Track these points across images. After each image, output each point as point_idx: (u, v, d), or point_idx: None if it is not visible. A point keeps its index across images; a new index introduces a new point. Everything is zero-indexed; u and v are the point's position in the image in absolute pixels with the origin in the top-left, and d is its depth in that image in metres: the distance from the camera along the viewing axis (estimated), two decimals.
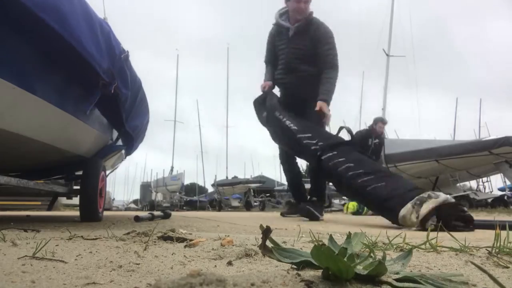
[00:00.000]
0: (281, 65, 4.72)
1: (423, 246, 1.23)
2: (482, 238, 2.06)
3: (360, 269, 0.68)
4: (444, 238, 1.33)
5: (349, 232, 0.94)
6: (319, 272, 0.70)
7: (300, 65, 4.56)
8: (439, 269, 0.94)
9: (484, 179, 18.74)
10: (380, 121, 8.06)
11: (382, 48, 15.04)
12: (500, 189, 18.63)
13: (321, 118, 4.39)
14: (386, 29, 15.27)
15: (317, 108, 4.30)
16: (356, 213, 9.44)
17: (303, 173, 6.60)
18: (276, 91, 4.91)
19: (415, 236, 2.00)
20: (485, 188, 19.62)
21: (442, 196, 2.93)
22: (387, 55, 14.78)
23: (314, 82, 4.42)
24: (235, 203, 21.80)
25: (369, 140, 7.70)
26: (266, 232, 0.78)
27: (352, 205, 10.17)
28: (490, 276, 0.55)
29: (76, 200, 3.98)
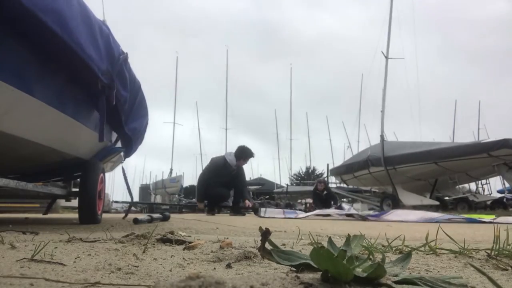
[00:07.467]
0: None
1: (422, 249, 1.23)
2: (481, 240, 2.06)
3: (359, 271, 0.68)
4: (444, 240, 1.33)
5: (348, 235, 0.94)
6: (318, 275, 0.70)
7: None
8: (438, 272, 0.93)
9: (483, 181, 18.75)
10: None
11: (381, 51, 15.02)
12: (499, 191, 18.65)
13: None
14: (385, 32, 15.26)
15: None
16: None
17: None
18: None
19: (414, 238, 2.00)
20: (484, 191, 19.64)
21: None
22: (386, 57, 14.76)
23: None
24: None
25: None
26: (265, 234, 0.78)
27: None
28: (489, 278, 0.55)
29: (75, 202, 3.97)
